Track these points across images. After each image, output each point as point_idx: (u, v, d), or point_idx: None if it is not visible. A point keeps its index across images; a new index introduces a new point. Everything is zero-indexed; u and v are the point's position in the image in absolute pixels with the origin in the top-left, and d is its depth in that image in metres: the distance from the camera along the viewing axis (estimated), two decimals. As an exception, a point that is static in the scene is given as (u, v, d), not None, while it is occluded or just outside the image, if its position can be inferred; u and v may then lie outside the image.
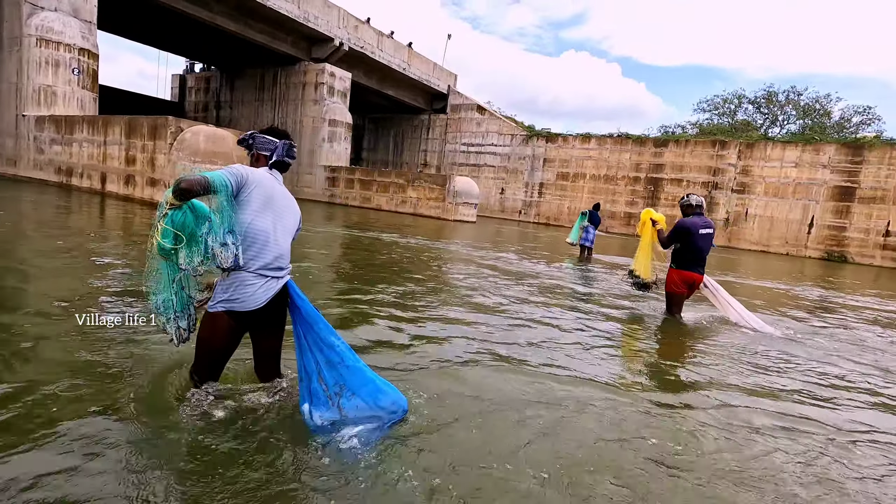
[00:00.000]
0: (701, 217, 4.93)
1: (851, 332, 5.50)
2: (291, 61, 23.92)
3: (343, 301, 4.43)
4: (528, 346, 3.66)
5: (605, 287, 6.87)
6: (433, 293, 4.99)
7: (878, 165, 20.83)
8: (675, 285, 4.94)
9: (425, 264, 7.22)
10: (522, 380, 2.94)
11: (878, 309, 7.77)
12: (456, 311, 4.45)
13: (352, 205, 22.44)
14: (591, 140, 26.55)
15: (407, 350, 3.29)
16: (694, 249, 4.82)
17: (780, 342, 4.57)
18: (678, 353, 4.09)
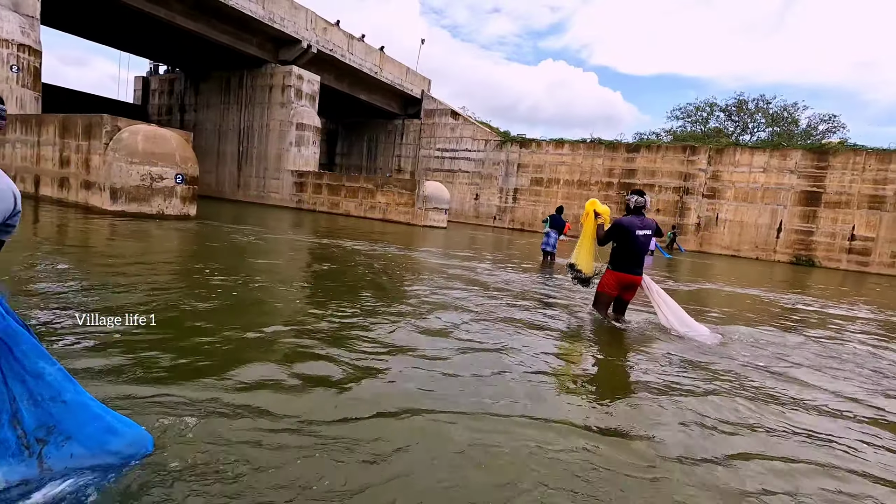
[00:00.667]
0: (641, 217, 4.60)
1: (803, 338, 5.09)
2: (258, 63, 23.16)
3: (288, 321, 3.80)
4: (472, 379, 3.05)
5: (565, 296, 6.37)
6: (389, 314, 4.35)
7: (842, 171, 21.07)
8: (606, 286, 4.65)
9: (388, 276, 6.53)
10: (465, 435, 2.25)
11: (852, 319, 7.45)
12: (411, 335, 3.77)
13: (320, 210, 21.70)
14: (565, 145, 26.39)
15: (340, 390, 2.64)
16: (630, 250, 4.51)
17: (708, 353, 4.11)
18: (617, 385, 3.57)
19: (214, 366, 2.72)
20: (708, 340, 4.47)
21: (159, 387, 2.33)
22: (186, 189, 10.75)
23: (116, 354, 2.70)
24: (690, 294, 7.97)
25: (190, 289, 4.48)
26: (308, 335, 3.47)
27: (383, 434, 2.14)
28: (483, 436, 2.22)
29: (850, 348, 4.88)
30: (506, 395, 2.77)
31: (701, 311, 6.09)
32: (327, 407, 2.38)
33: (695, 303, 6.94)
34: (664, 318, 4.63)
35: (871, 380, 3.78)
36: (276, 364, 2.86)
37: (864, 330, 6.19)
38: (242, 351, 3.04)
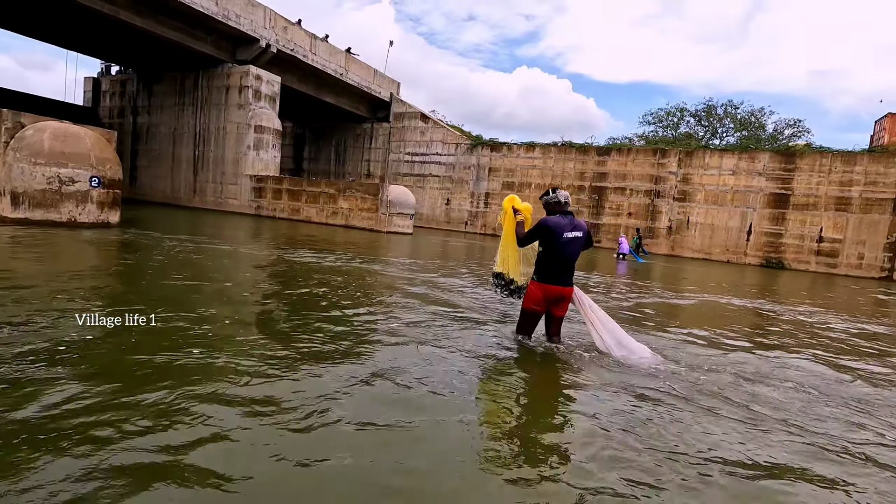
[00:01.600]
0: (569, 217, 3.77)
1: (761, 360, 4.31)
2: (214, 63, 21.89)
3: (195, 364, 2.79)
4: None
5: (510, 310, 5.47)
6: (325, 352, 3.36)
7: (809, 173, 20.96)
8: (532, 301, 3.81)
9: (340, 295, 5.38)
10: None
11: (815, 330, 6.77)
12: (338, 391, 2.77)
13: (280, 217, 20.48)
14: (536, 149, 25.79)
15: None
16: (557, 256, 3.70)
17: (651, 380, 3.26)
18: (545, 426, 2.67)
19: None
20: (650, 363, 3.69)
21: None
22: (105, 193, 9.54)
23: None
24: (666, 306, 7.20)
25: (36, 332, 3.40)
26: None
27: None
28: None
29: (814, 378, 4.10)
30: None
31: (664, 322, 5.30)
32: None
33: (662, 315, 6.15)
34: (599, 338, 3.81)
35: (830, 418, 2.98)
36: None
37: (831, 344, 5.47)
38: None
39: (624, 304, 6.80)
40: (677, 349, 4.28)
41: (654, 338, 4.66)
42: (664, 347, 4.25)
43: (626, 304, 6.83)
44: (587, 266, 13.16)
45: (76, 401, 2.26)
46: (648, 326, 5.24)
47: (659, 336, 4.81)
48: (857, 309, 9.27)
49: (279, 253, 9.09)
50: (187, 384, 2.54)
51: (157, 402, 2.33)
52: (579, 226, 3.76)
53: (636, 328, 4.96)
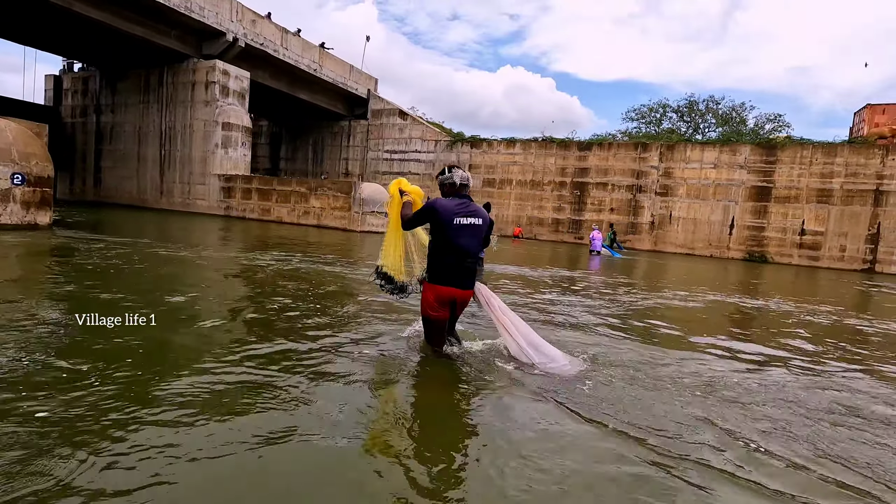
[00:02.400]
0: (465, 201, 3.09)
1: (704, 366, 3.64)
2: (179, 58, 20.87)
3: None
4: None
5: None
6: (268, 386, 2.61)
7: (790, 165, 20.62)
8: (429, 306, 3.11)
9: (299, 310, 4.48)
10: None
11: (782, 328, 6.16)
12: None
13: (250, 217, 19.55)
14: (517, 145, 25.16)
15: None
16: (449, 247, 3.01)
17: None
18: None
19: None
20: (569, 371, 3.04)
21: None
22: (31, 192, 8.62)
23: None
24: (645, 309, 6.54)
25: None
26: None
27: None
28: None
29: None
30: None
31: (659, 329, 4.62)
32: None
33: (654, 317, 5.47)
34: (513, 343, 3.13)
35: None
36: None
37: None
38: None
39: (628, 307, 6.12)
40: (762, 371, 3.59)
41: (716, 358, 3.97)
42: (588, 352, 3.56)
43: (631, 308, 6.14)
44: (568, 263, 12.51)
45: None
46: (688, 344, 4.55)
47: (704, 354, 4.11)
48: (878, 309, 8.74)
49: (237, 256, 8.25)
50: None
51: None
52: (479, 213, 3.08)
53: (664, 346, 4.27)
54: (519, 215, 25.10)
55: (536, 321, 4.54)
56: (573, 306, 5.71)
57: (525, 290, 6.72)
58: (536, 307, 5.44)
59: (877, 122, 21.95)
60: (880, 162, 19.40)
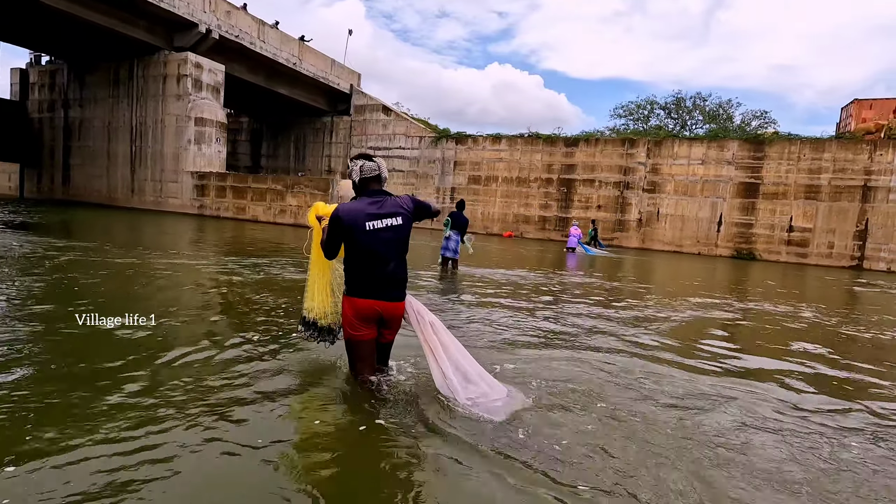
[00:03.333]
0: (378, 199, 2.48)
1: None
2: (150, 51, 19.89)
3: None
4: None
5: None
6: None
7: (778, 161, 20.22)
8: (348, 324, 2.52)
9: (273, 325, 3.92)
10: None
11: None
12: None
13: (224, 216, 18.69)
14: (502, 141, 24.51)
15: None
16: (364, 256, 2.45)
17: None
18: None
19: None
20: (504, 409, 2.35)
21: None
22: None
23: None
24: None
25: None
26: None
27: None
28: None
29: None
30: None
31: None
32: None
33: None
34: (438, 372, 2.44)
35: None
36: None
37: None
38: None
39: (609, 317, 5.48)
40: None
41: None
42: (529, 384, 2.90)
43: (613, 317, 5.50)
44: (546, 262, 11.88)
45: None
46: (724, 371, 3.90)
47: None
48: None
49: (205, 266, 7.49)
50: None
51: None
52: (398, 210, 2.47)
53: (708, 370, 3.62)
54: (505, 213, 24.49)
55: (486, 340, 3.89)
56: (541, 316, 5.06)
57: (489, 296, 6.07)
58: (491, 319, 4.78)
59: (864, 117, 21.66)
60: (868, 157, 19.06)
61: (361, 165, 2.51)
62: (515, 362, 3.22)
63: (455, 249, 8.10)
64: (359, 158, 2.55)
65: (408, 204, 2.54)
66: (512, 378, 2.83)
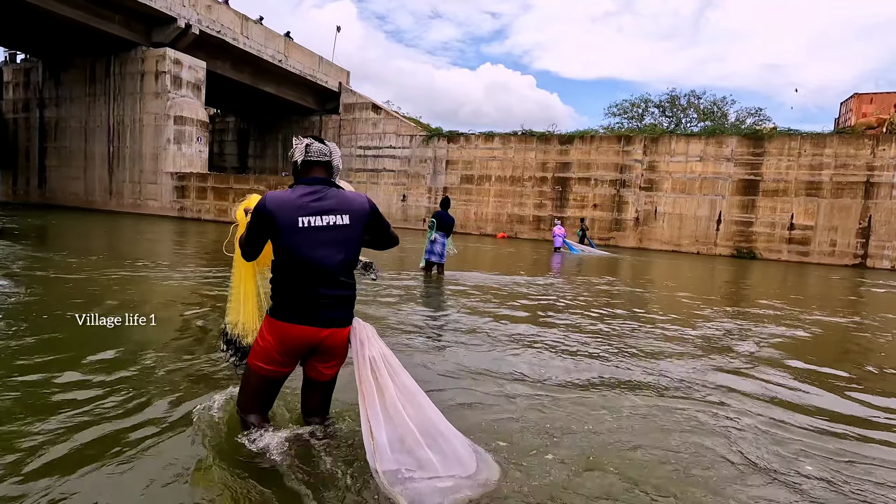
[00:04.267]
0: (317, 188, 1.80)
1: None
2: (126, 47, 18.95)
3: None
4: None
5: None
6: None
7: (778, 157, 19.57)
8: (263, 354, 1.76)
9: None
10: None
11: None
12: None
13: (206, 219, 17.79)
14: (495, 139, 23.74)
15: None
16: (297, 264, 1.73)
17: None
18: None
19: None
20: (464, 493, 1.56)
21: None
22: None
23: None
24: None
25: None
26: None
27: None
28: None
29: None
30: None
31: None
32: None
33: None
34: (366, 426, 1.62)
35: None
36: None
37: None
38: None
39: (603, 337, 4.68)
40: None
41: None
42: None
43: (606, 340, 4.70)
44: (546, 265, 11.10)
45: None
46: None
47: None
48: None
49: (182, 282, 6.64)
50: None
51: None
52: (346, 203, 1.78)
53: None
54: (499, 213, 23.71)
55: (492, 385, 3.08)
56: (523, 331, 4.26)
57: (489, 310, 5.27)
58: (496, 340, 3.98)
59: (864, 111, 21.04)
60: (871, 153, 18.44)
61: (308, 145, 1.87)
62: (529, 414, 2.38)
63: (441, 253, 7.30)
64: (300, 139, 1.91)
65: (363, 205, 1.83)
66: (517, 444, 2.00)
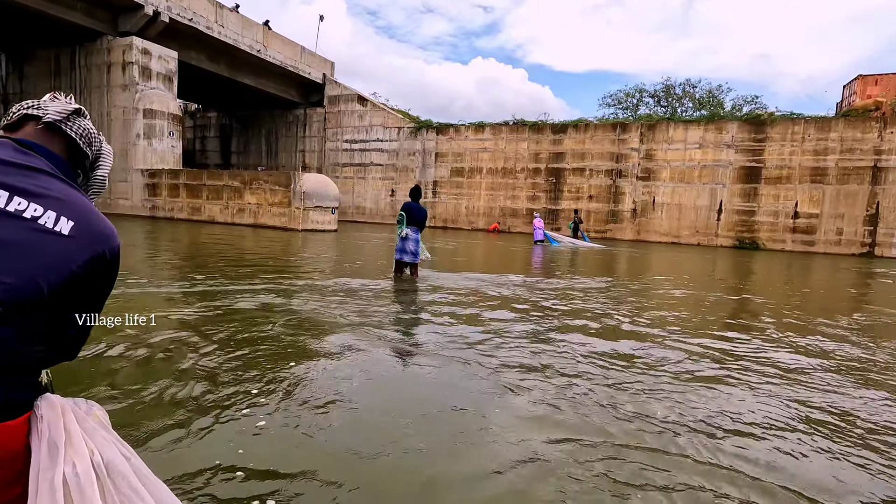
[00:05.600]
0: (21, 153, 0.74)
1: None
2: (92, 36, 17.66)
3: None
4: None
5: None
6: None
7: (780, 142, 18.53)
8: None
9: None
10: None
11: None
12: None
13: (179, 218, 16.60)
14: (486, 129, 22.60)
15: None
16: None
17: None
18: None
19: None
20: None
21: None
22: None
23: None
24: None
25: None
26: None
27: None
28: None
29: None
30: None
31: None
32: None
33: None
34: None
35: None
36: None
37: None
38: None
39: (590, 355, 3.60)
40: None
41: None
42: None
43: (596, 359, 3.63)
44: (556, 264, 10.02)
45: None
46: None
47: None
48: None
49: (153, 298, 5.48)
50: None
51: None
52: (59, 192, 0.76)
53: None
54: (491, 207, 22.62)
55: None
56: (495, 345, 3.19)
57: (443, 317, 4.19)
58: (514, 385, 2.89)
59: (869, 93, 20.01)
60: (878, 136, 17.43)
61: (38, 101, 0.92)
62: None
63: (415, 251, 6.21)
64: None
65: (107, 235, 0.80)
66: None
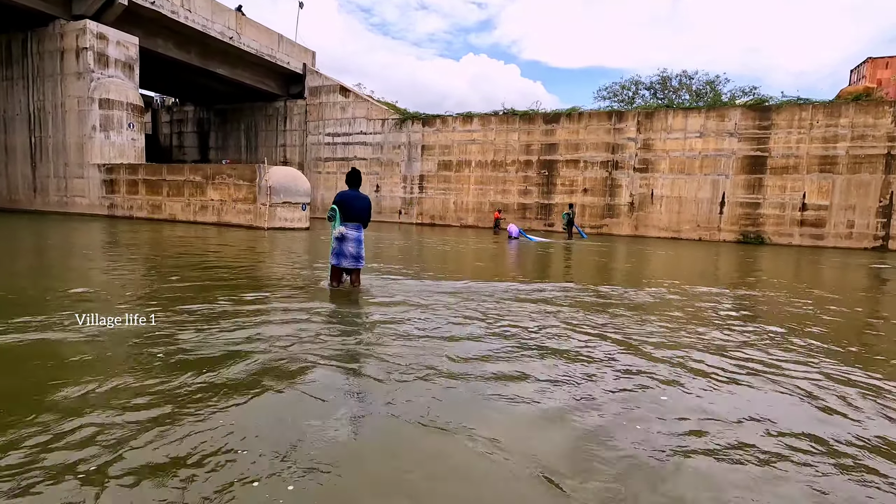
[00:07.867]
0: None
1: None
2: (44, 21, 16.00)
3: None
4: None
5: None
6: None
7: (787, 130, 17.08)
8: None
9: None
10: None
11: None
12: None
13: (138, 216, 15.02)
14: (474, 120, 21.05)
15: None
16: None
17: None
18: None
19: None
20: None
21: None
22: None
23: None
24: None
25: None
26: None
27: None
28: None
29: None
30: None
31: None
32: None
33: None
34: None
35: None
36: None
37: None
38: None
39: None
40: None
41: None
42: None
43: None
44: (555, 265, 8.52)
45: None
46: None
47: None
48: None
49: (107, 333, 3.94)
50: None
51: None
52: None
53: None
54: (480, 202, 21.12)
55: None
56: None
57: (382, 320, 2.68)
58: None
59: (879, 78, 18.53)
60: (892, 121, 15.99)
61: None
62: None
63: (357, 254, 4.67)
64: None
65: None
66: None
